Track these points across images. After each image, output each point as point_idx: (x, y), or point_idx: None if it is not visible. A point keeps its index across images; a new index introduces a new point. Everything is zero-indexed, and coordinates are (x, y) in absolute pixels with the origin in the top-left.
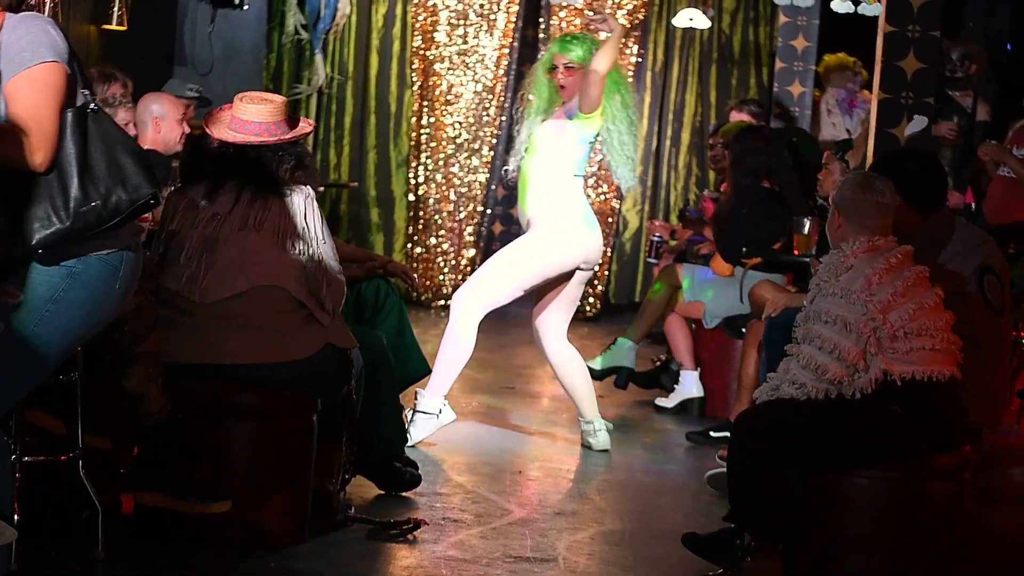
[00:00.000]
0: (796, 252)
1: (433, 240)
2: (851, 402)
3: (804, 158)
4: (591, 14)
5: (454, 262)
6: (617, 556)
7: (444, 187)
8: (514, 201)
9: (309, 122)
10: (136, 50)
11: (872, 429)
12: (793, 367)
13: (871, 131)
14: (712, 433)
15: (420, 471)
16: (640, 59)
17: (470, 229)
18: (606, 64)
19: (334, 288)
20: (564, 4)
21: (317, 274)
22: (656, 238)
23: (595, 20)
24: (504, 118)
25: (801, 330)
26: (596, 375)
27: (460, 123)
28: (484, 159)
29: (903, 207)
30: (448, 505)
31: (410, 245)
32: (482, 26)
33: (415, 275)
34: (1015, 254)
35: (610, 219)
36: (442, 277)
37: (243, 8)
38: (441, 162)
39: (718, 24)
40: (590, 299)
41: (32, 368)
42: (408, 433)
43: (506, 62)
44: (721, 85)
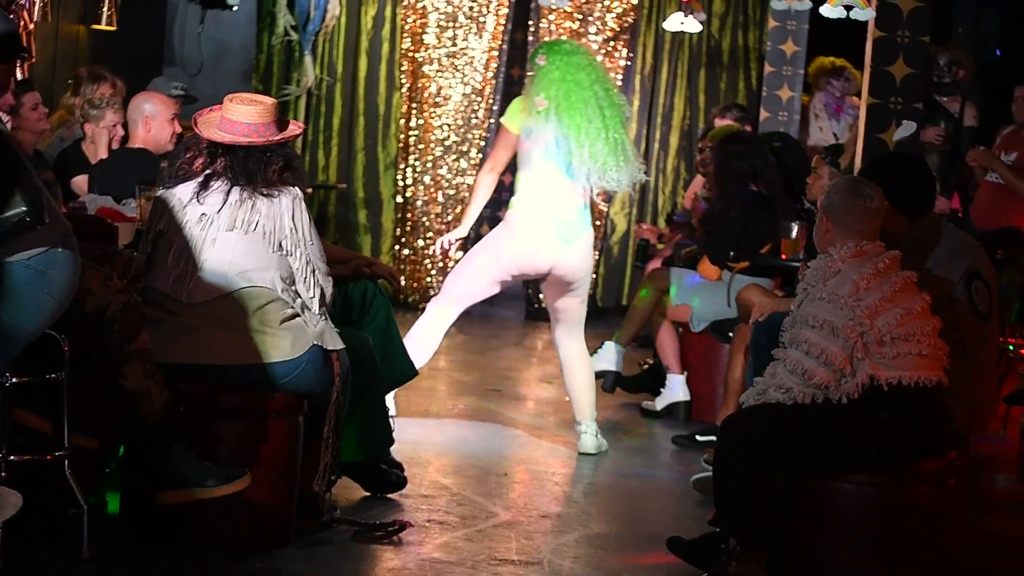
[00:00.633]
0: (784, 256)
1: (420, 242)
2: (838, 407)
3: (789, 162)
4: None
5: (441, 264)
6: (602, 560)
7: (432, 189)
8: (501, 204)
9: (298, 124)
10: (126, 50)
11: (858, 434)
12: (780, 371)
13: (860, 136)
14: (698, 437)
15: (406, 473)
16: (629, 62)
17: None
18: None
19: (321, 289)
20: (553, 7)
21: (304, 275)
22: (644, 242)
23: None
24: (492, 120)
25: (788, 334)
26: None
27: (449, 125)
28: (472, 161)
29: (891, 212)
30: (433, 507)
31: (397, 247)
32: (471, 28)
33: (401, 277)
34: (1003, 260)
35: (597, 222)
36: (429, 279)
37: (233, 9)
38: (429, 164)
39: (707, 28)
40: None
41: None
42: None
43: (495, 64)
44: (710, 89)
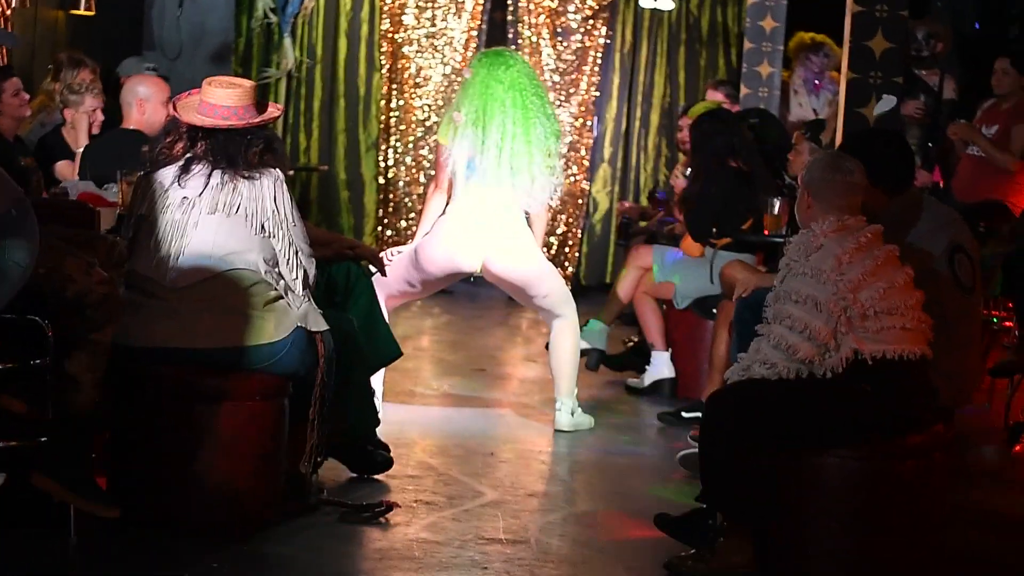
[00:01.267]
0: (766, 232)
1: (403, 223)
2: (822, 381)
3: (769, 139)
4: None
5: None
6: (589, 537)
7: (414, 170)
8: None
9: (278, 107)
10: (104, 35)
11: (843, 408)
12: (764, 347)
13: (840, 111)
14: (684, 413)
15: (392, 453)
16: (608, 40)
17: None
18: None
19: (304, 271)
20: None
21: (287, 257)
22: (626, 219)
23: None
24: None
25: (771, 310)
26: None
27: (429, 106)
28: None
29: (872, 187)
30: (420, 487)
31: (380, 228)
32: (450, 8)
33: (384, 258)
34: (985, 233)
35: (580, 200)
36: None
37: None
38: (411, 145)
39: (686, 5)
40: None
41: None
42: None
43: (474, 44)
44: (690, 66)
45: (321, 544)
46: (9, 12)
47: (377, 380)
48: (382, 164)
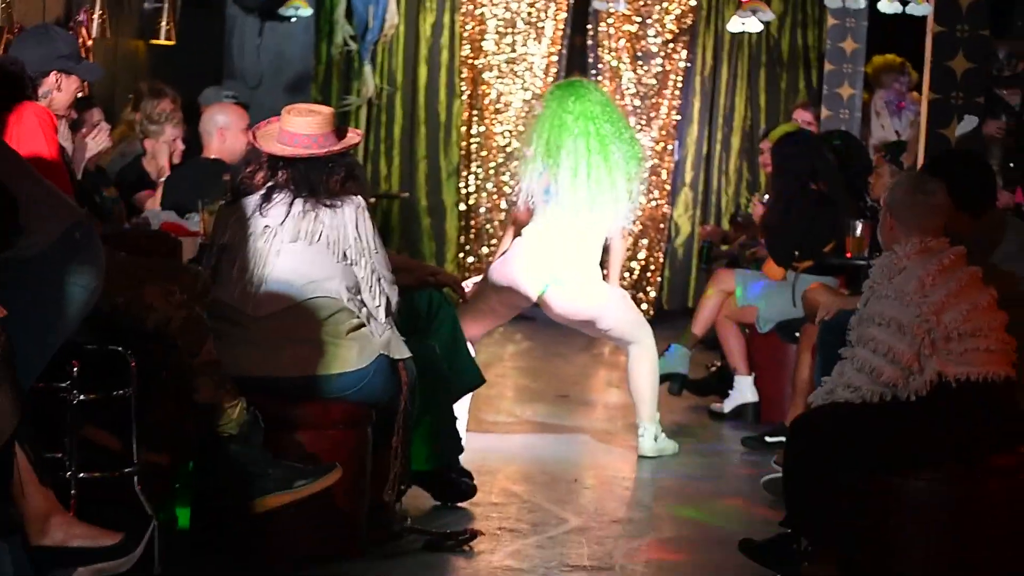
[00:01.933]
0: (848, 255)
1: (485, 249)
2: (906, 404)
3: (851, 161)
4: None
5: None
6: (674, 563)
7: (495, 196)
8: None
9: (357, 132)
10: (184, 65)
11: (928, 431)
12: (847, 370)
13: (921, 132)
14: (767, 438)
15: (475, 481)
16: (689, 64)
17: None
18: None
19: (387, 298)
20: (611, 10)
21: (370, 284)
22: (708, 243)
23: None
24: None
25: (855, 333)
26: None
27: (510, 132)
28: None
29: (954, 209)
30: (504, 515)
31: (462, 255)
32: (530, 34)
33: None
34: None
35: (661, 225)
36: None
37: (291, 20)
38: (492, 171)
39: (767, 28)
40: (643, 306)
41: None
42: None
43: (555, 70)
44: (770, 89)
45: (406, 572)
46: (91, 43)
47: (460, 408)
48: (463, 190)
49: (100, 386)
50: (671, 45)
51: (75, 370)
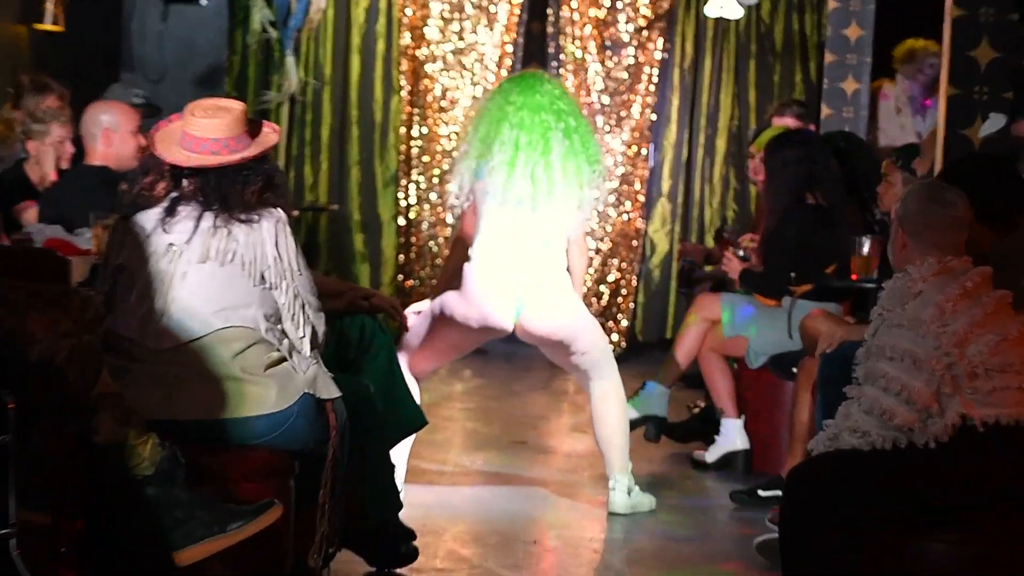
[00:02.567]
0: (854, 277)
1: (428, 271)
2: (924, 452)
3: (856, 167)
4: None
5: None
6: None
7: (440, 209)
8: None
9: (274, 127)
10: (75, 54)
11: (950, 484)
12: (854, 412)
13: (939, 133)
14: (761, 492)
15: (416, 543)
16: (666, 55)
17: None
18: None
19: (312, 328)
20: None
21: (292, 312)
22: (688, 263)
23: None
24: None
25: (863, 368)
26: None
27: (457, 133)
28: None
29: (977, 222)
30: None
31: (401, 276)
32: (480, 20)
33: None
34: None
35: (635, 242)
36: None
37: (201, 4)
38: (436, 180)
39: (756, 12)
40: (613, 336)
41: None
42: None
43: (509, 61)
44: (762, 83)
45: None
46: None
47: (399, 455)
48: (402, 202)
49: None
50: (645, 33)
51: None
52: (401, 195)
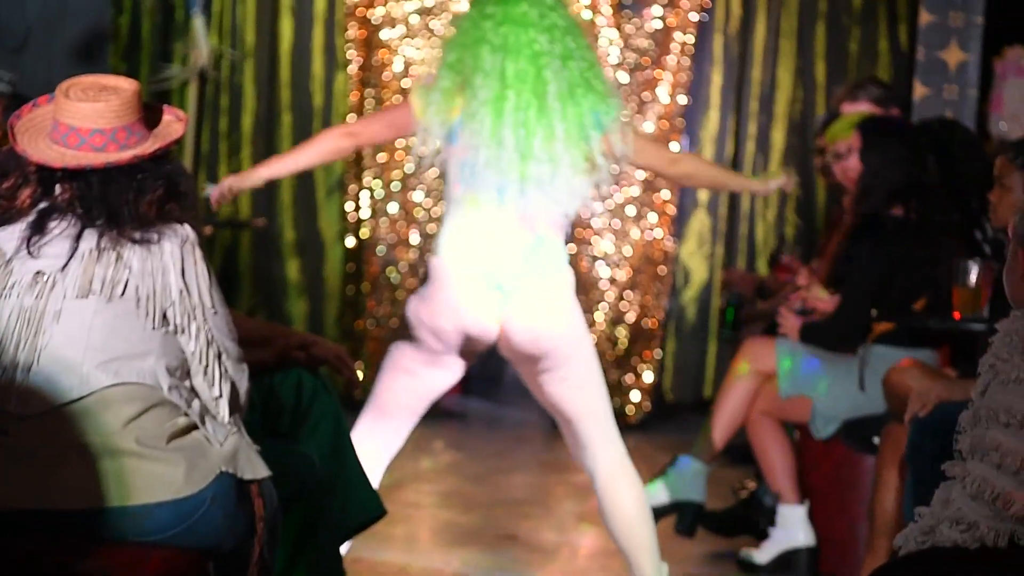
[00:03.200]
0: (956, 315)
1: (386, 307)
2: None
3: (960, 167)
4: None
5: None
6: None
7: (402, 224)
8: None
9: (178, 114)
10: None
11: None
12: (957, 496)
13: None
14: None
15: None
16: (705, 15)
17: None
18: None
19: (232, 384)
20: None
21: (204, 363)
22: (735, 298)
23: None
24: None
25: (968, 438)
26: None
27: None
28: None
29: None
30: None
31: (350, 315)
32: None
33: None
34: None
35: (661, 269)
36: None
37: None
38: (396, 186)
39: None
40: (633, 394)
41: None
42: None
43: None
44: (833, 54)
45: None
46: None
47: (349, 552)
48: (351, 216)
49: None
50: None
51: None
52: (349, 206)
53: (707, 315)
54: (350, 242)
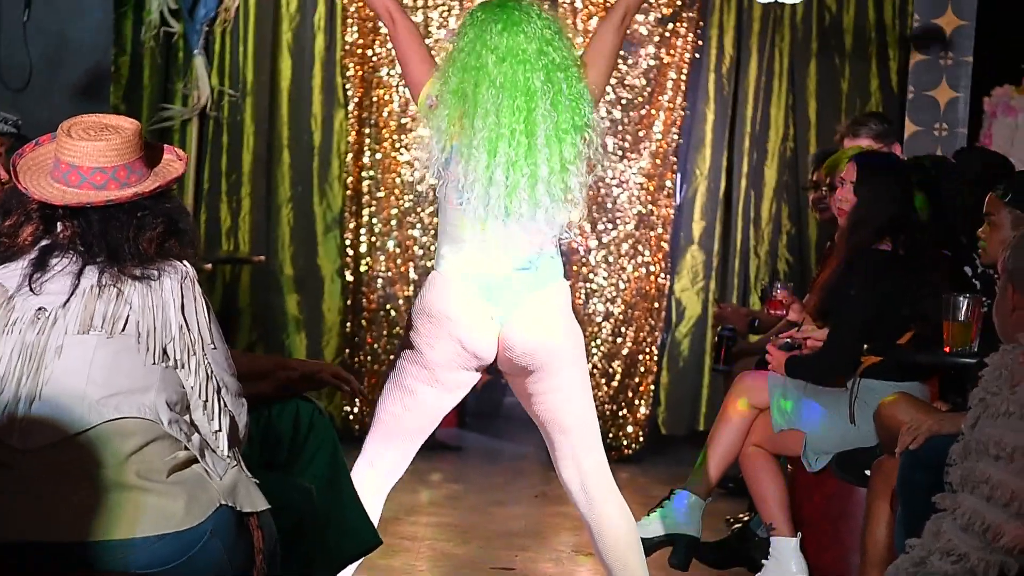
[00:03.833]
0: (947, 349)
1: (384, 342)
2: None
3: (949, 202)
4: None
5: None
6: None
7: (399, 260)
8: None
9: (179, 154)
10: None
11: None
12: (948, 528)
13: None
14: None
15: None
16: (699, 54)
17: None
18: None
19: (231, 418)
20: None
21: (204, 398)
22: (728, 332)
23: None
24: None
25: (959, 471)
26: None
27: (422, 159)
28: None
29: None
30: None
31: (349, 350)
32: (452, 8)
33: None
34: None
35: (656, 304)
36: None
37: None
38: (394, 222)
39: None
40: (628, 428)
41: None
42: None
43: None
44: (825, 91)
45: None
46: None
47: None
48: (350, 252)
49: None
50: (671, 25)
51: None
52: (348, 241)
53: (701, 349)
54: (349, 277)
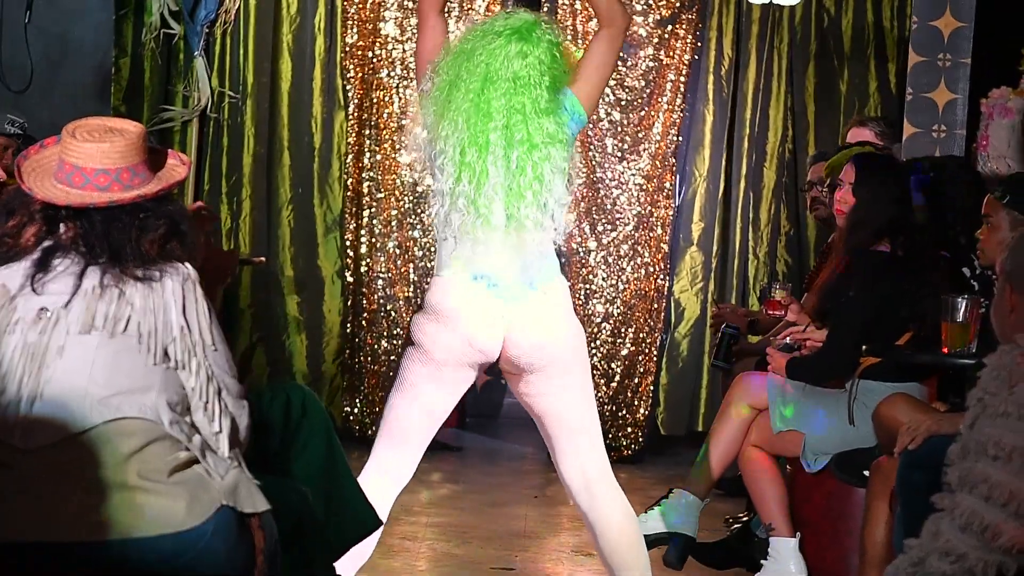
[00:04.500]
0: (945, 349)
1: (384, 343)
2: None
3: (948, 204)
4: None
5: None
6: None
7: (399, 261)
8: None
9: (182, 158)
10: None
11: None
12: (946, 529)
13: None
14: None
15: None
16: (698, 56)
17: None
18: None
19: (232, 419)
20: None
21: (205, 399)
22: (730, 331)
23: None
24: None
25: (957, 471)
26: None
27: (413, 152)
28: None
29: None
30: None
31: (349, 351)
32: (451, 10)
33: (355, 400)
34: None
35: (655, 305)
36: None
37: None
38: (394, 223)
39: (817, 1)
40: (627, 428)
41: None
42: None
43: None
44: (824, 93)
45: None
46: None
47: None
48: (350, 253)
49: None
50: (669, 27)
51: None
52: (348, 242)
53: (700, 350)
54: (349, 279)
